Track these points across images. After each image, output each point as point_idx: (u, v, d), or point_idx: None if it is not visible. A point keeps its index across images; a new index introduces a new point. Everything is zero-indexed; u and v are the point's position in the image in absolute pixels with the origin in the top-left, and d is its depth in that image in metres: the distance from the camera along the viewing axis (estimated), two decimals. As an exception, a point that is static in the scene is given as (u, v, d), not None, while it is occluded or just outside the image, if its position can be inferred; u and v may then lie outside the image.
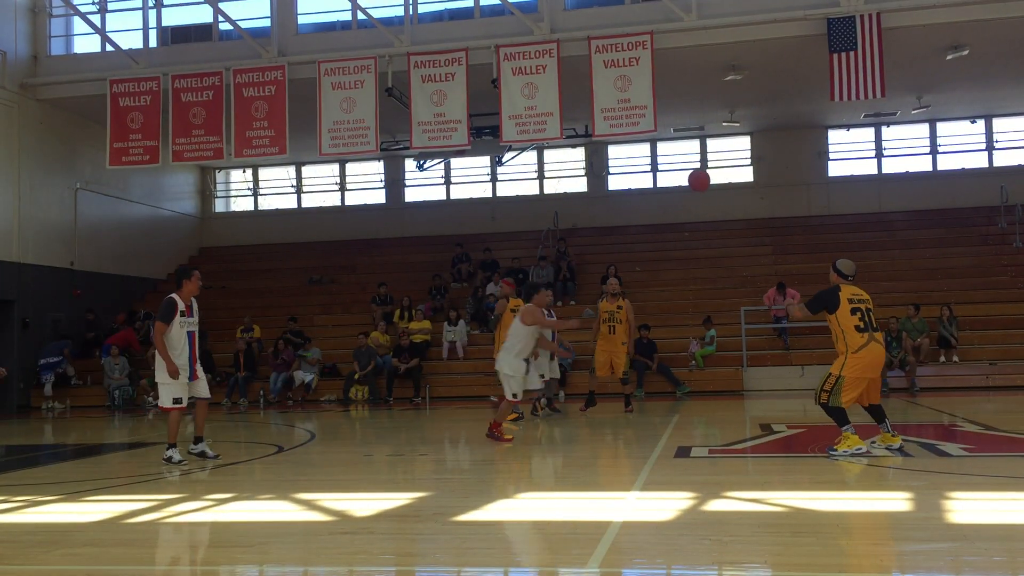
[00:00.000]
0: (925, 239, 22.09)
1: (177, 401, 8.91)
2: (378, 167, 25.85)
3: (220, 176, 26.98)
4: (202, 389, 9.13)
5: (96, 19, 19.69)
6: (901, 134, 23.97)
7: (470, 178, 25.58)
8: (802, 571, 4.55)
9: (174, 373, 8.76)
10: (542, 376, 13.33)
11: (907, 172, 23.79)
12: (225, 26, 19.36)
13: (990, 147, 23.44)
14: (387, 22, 18.47)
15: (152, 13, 19.25)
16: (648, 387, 17.32)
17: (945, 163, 23.65)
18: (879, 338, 7.99)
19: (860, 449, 7.91)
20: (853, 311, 7.89)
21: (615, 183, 24.97)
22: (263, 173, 26.77)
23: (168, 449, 8.93)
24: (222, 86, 17.79)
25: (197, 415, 9.28)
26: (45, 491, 7.54)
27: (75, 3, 19.48)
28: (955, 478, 7.06)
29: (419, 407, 16.74)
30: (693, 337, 18.49)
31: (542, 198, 24.86)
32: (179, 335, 8.89)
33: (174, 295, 9.00)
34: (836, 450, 8.02)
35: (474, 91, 17.09)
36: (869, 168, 24.03)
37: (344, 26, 19.24)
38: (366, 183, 26.22)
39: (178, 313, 8.89)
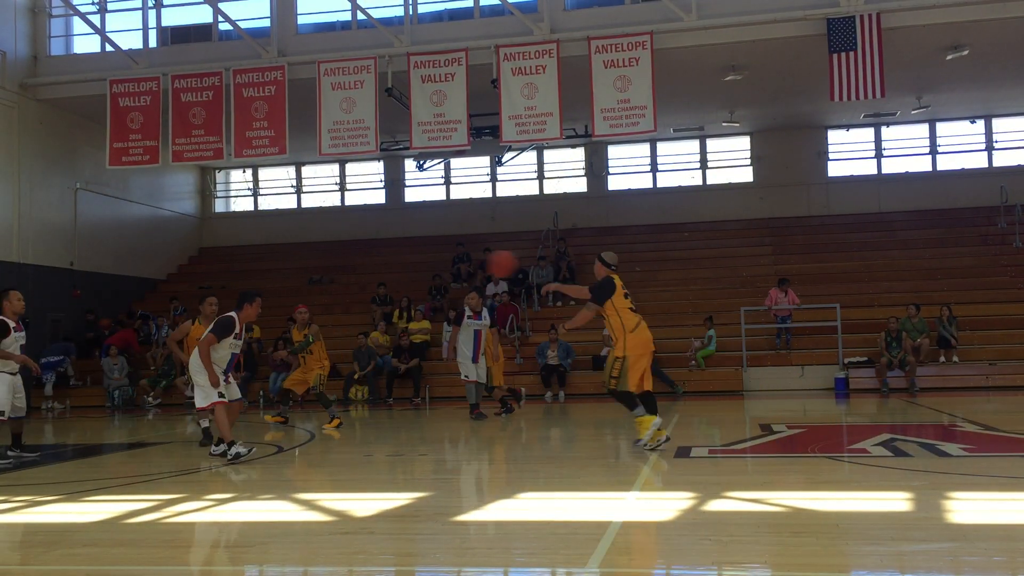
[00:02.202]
0: (925, 239, 22.08)
1: (220, 396, 8.94)
2: (378, 167, 25.86)
3: (220, 176, 26.98)
4: (233, 392, 9.21)
5: (96, 19, 19.70)
6: (901, 134, 23.98)
7: (470, 178, 25.58)
8: (802, 571, 4.54)
9: (215, 383, 8.83)
10: (465, 377, 13.17)
11: (907, 172, 23.80)
12: (225, 26, 19.35)
13: (990, 147, 23.44)
14: (387, 22, 18.47)
15: (152, 13, 19.26)
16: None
17: (945, 163, 23.66)
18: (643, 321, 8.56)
19: (656, 423, 8.41)
20: (626, 295, 8.52)
21: (615, 183, 24.97)
22: (263, 173, 26.78)
23: (229, 447, 8.85)
24: (222, 86, 17.80)
25: (229, 416, 9.22)
26: (45, 491, 7.53)
27: (75, 3, 19.48)
28: (955, 478, 7.06)
29: (419, 407, 16.73)
30: (695, 338, 18.46)
31: (542, 198, 24.86)
32: (224, 355, 8.95)
33: (234, 314, 8.98)
34: (641, 439, 8.45)
35: (474, 91, 17.09)
36: (869, 168, 24.04)
37: (344, 26, 19.24)
38: (366, 183, 26.23)
39: (232, 335, 8.93)
